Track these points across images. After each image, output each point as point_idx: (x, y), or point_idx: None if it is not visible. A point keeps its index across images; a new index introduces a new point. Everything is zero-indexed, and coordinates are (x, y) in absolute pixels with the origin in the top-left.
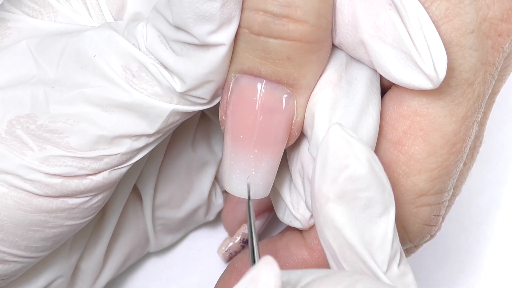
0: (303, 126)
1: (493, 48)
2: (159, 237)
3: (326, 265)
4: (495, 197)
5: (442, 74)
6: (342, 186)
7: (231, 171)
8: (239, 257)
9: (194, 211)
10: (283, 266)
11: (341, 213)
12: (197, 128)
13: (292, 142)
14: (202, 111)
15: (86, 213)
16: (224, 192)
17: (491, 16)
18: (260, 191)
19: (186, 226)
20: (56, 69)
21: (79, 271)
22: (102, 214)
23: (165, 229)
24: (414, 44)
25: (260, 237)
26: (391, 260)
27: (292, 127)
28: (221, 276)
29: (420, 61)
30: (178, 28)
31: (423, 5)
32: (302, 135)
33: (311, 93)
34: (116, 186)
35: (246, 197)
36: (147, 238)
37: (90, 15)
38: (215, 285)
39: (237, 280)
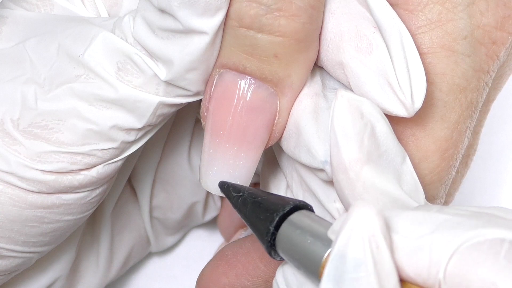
0: (284, 129)
1: (487, 56)
2: (159, 238)
3: None
4: (495, 197)
5: (418, 104)
6: (368, 146)
7: (208, 167)
8: (230, 246)
9: (192, 212)
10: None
11: (378, 172)
12: (193, 133)
13: (272, 143)
14: (197, 117)
15: (84, 208)
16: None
17: (485, 23)
18: None
19: (185, 227)
20: (49, 68)
21: (80, 273)
22: (97, 212)
23: (164, 230)
24: (394, 70)
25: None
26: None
27: (274, 128)
28: (208, 262)
29: (398, 88)
30: (163, 14)
31: (416, 8)
32: None
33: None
34: None
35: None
36: (148, 238)
37: (85, 6)
38: (201, 270)
39: (225, 268)
